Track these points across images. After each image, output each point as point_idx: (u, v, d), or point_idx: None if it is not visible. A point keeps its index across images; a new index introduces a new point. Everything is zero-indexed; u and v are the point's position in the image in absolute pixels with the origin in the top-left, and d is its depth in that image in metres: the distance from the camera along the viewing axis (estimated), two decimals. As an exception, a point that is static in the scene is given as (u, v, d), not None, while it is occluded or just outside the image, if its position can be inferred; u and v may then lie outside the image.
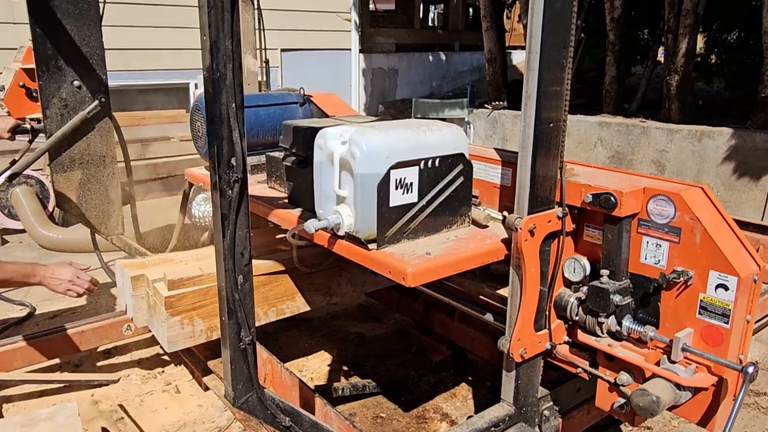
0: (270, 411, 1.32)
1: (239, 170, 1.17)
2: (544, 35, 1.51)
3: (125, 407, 2.43)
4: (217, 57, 1.08)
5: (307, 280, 2.30)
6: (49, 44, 2.30)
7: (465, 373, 2.66)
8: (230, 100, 1.10)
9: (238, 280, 1.21)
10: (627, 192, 1.56)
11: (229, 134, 1.12)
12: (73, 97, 2.41)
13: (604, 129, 5.80)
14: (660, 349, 1.59)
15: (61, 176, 2.48)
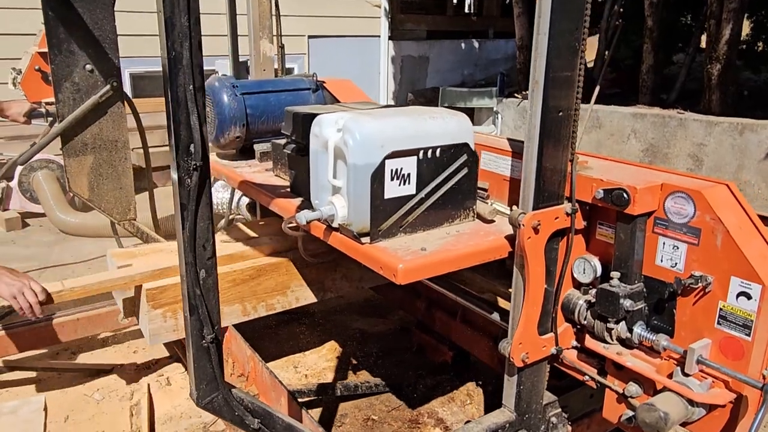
0: (237, 413, 1.25)
1: (198, 157, 1.09)
2: (553, 15, 1.38)
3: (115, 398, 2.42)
4: (172, 35, 0.99)
5: (299, 275, 2.23)
6: (61, 28, 2.26)
7: (466, 376, 2.55)
8: (188, 81, 1.02)
9: (200, 274, 1.13)
10: (641, 188, 1.42)
11: (187, 119, 1.05)
12: (86, 81, 2.37)
13: (638, 120, 5.55)
14: (674, 360, 1.46)
15: (73, 160, 2.45)
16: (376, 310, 3.20)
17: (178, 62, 1.03)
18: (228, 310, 2.07)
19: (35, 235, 4.44)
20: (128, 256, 2.16)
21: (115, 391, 2.46)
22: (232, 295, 2.07)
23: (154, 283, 1.98)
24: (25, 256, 3.96)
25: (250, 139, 2.40)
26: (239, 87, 2.30)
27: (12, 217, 4.50)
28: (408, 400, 2.41)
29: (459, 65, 9.30)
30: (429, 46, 8.93)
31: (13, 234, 4.45)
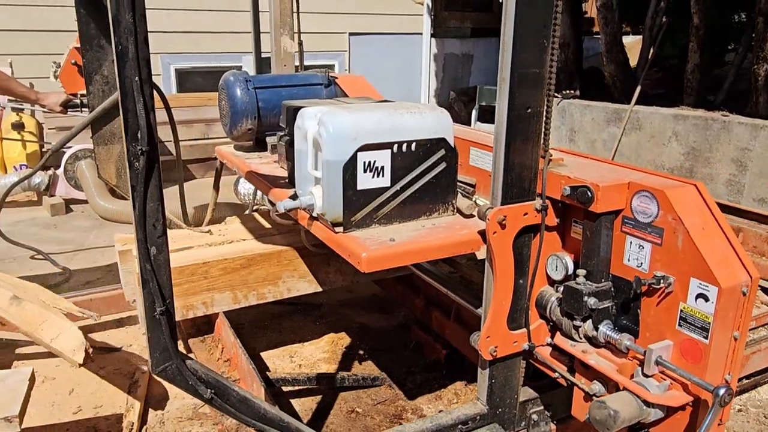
0: (191, 382, 1.34)
1: (143, 143, 1.17)
2: (519, 10, 1.40)
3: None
4: (118, 31, 1.08)
5: (291, 266, 2.30)
6: (92, 24, 2.42)
7: (457, 375, 2.55)
8: (133, 73, 1.11)
9: (150, 251, 1.22)
10: (604, 186, 1.42)
11: (134, 107, 1.13)
12: (114, 74, 2.53)
13: (679, 122, 5.35)
14: (637, 361, 1.44)
15: (102, 148, 2.62)
16: (382, 306, 3.24)
17: (125, 55, 1.12)
18: (219, 297, 2.17)
19: (76, 221, 4.70)
20: (131, 241, 2.29)
21: (119, 369, 2.60)
22: (223, 283, 2.17)
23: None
24: (63, 240, 4.21)
25: (263, 132, 2.50)
26: (252, 81, 2.41)
27: (57, 203, 4.81)
28: (395, 395, 2.43)
29: (505, 63, 9.19)
30: (473, 43, 8.86)
31: (57, 218, 4.74)
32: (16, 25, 6.18)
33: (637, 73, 6.41)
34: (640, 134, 5.74)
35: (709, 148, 5.22)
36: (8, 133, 5.15)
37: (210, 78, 6.97)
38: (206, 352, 2.56)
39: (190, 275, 2.17)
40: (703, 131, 5.23)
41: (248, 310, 2.92)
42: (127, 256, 2.33)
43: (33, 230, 4.45)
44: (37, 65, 5.88)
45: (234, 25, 6.52)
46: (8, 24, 6.14)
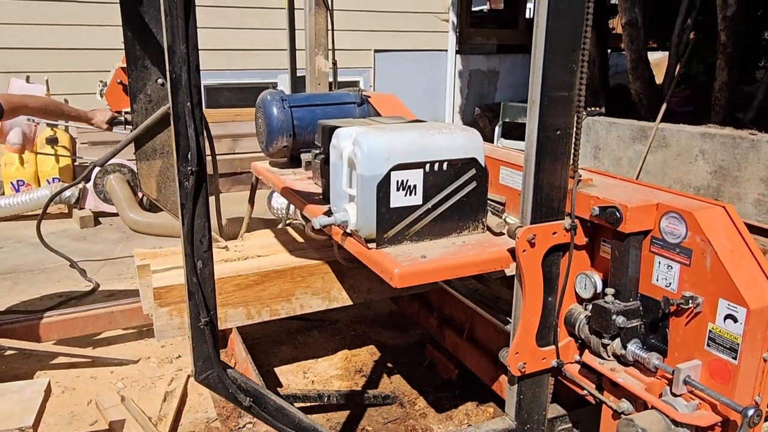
0: (230, 390, 1.40)
1: (194, 164, 1.25)
2: (548, 36, 1.45)
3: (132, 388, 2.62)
4: (173, 60, 1.16)
5: (304, 283, 2.32)
6: (137, 46, 2.53)
7: (469, 395, 2.55)
8: (185, 99, 1.19)
9: (197, 264, 1.29)
10: (633, 206, 1.45)
11: (185, 130, 1.21)
12: (157, 93, 2.63)
13: (706, 141, 5.32)
14: (666, 380, 1.46)
15: (144, 164, 2.72)
16: (399, 323, 3.25)
17: (178, 83, 1.20)
18: (233, 313, 2.20)
19: (104, 233, 4.84)
20: (150, 256, 2.36)
21: (137, 381, 2.67)
22: (237, 299, 2.20)
23: (163, 281, 2.13)
24: (91, 251, 4.33)
25: (297, 149, 2.58)
26: (288, 100, 2.50)
27: (86, 215, 4.95)
28: (406, 414, 2.43)
29: (531, 80, 9.21)
30: (499, 60, 8.91)
31: (86, 231, 4.88)
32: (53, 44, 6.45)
33: (664, 91, 6.39)
34: (667, 152, 5.71)
35: (738, 167, 5.18)
36: (42, 148, 5.33)
37: (238, 94, 7.15)
38: None
39: None
40: (731, 150, 5.19)
41: (265, 326, 2.98)
42: (145, 271, 2.37)
43: (63, 242, 4.59)
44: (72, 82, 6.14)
45: (268, 43, 6.70)
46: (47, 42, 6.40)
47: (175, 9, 1.14)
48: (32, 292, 3.61)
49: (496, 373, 2.29)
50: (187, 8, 1.15)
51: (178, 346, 2.95)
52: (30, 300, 3.50)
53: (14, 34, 6.23)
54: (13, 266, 4.04)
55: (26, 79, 6.04)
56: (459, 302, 2.61)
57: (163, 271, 2.30)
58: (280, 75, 6.09)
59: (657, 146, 5.80)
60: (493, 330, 2.40)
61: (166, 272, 2.29)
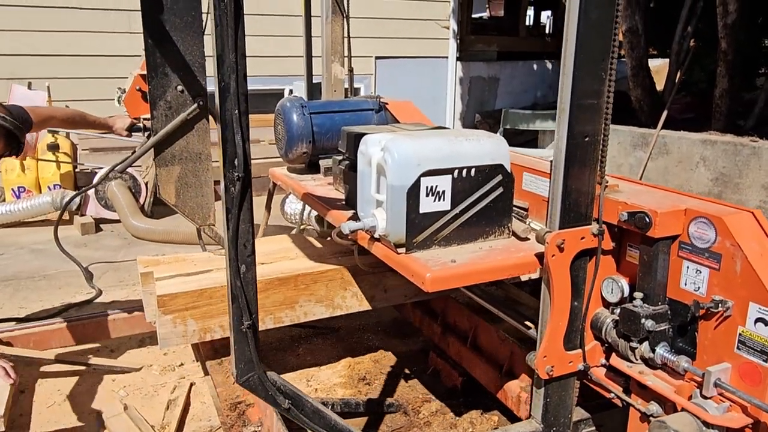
0: (270, 392, 1.42)
1: (240, 170, 1.27)
2: (579, 46, 1.48)
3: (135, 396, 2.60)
4: (222, 68, 1.19)
5: (308, 291, 2.31)
6: (158, 53, 2.55)
7: (473, 403, 2.51)
8: (233, 107, 1.21)
9: (240, 268, 1.31)
10: (663, 212, 1.48)
11: (233, 137, 1.23)
12: (176, 100, 2.65)
13: (708, 148, 5.37)
14: (695, 383, 1.49)
15: (163, 170, 2.73)
16: (402, 330, 3.22)
17: (227, 91, 1.22)
18: None
19: (106, 240, 4.78)
20: (153, 264, 2.34)
21: (140, 389, 2.64)
22: None
23: (167, 289, 2.11)
24: (92, 258, 4.28)
25: (316, 155, 2.60)
26: (308, 107, 2.52)
27: (87, 222, 4.91)
28: (410, 422, 2.41)
29: (532, 86, 9.28)
30: (500, 67, 8.97)
31: (87, 237, 4.84)
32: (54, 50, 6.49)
33: (664, 98, 6.46)
34: (668, 159, 5.76)
35: (739, 174, 5.23)
36: (44, 154, 5.32)
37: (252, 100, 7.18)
38: (223, 375, 2.55)
39: (208, 298, 2.19)
40: (732, 157, 5.24)
41: (268, 333, 2.93)
42: (149, 278, 2.34)
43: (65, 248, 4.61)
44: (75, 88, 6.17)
45: (284, 50, 6.74)
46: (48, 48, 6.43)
47: (226, 19, 1.17)
48: (33, 299, 3.58)
49: (500, 381, 2.30)
50: (237, 19, 1.18)
51: (180, 354, 2.91)
52: (31, 307, 3.48)
53: (16, 39, 6.24)
54: (14, 273, 4.01)
55: (28, 86, 6.05)
56: (463, 310, 2.65)
57: (167, 278, 2.28)
58: (295, 82, 6.12)
59: (658, 153, 5.85)
60: (497, 338, 2.42)
61: (170, 280, 2.27)
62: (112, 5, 6.63)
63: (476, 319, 2.58)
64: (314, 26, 3.00)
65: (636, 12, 6.29)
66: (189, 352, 2.93)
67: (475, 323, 2.58)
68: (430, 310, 2.89)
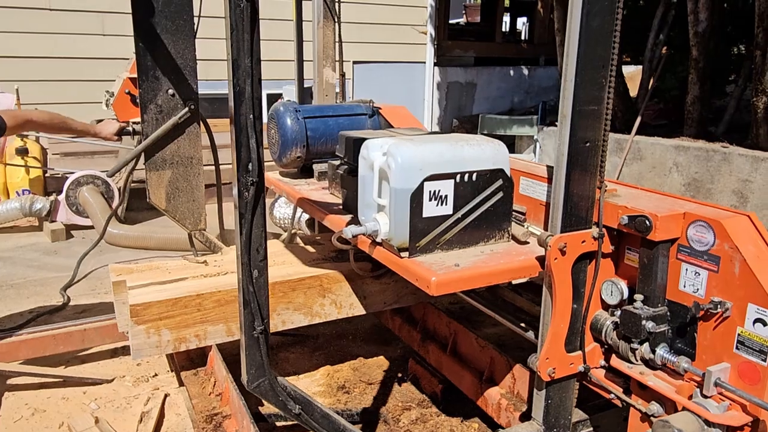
0: (281, 398, 1.41)
1: (255, 174, 1.26)
2: (580, 53, 1.51)
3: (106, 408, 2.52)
4: (237, 73, 1.18)
5: (286, 299, 2.28)
6: (149, 56, 2.52)
7: (453, 410, 2.51)
8: (248, 111, 1.21)
9: (253, 273, 1.30)
10: (663, 215, 1.52)
11: (247, 142, 1.23)
12: (167, 103, 2.63)
13: (681, 153, 5.52)
14: (694, 382, 1.53)
15: (154, 174, 2.70)
16: (380, 337, 3.19)
17: (241, 95, 1.21)
18: (212, 330, 2.14)
19: (77, 246, 4.62)
20: (126, 272, 2.29)
21: (112, 401, 2.56)
22: (217, 315, 2.14)
23: (140, 298, 2.06)
24: (64, 266, 4.15)
25: (310, 160, 2.59)
26: (302, 111, 2.51)
27: (57, 229, 4.78)
28: (390, 431, 2.40)
29: (509, 92, 9.40)
30: (477, 72, 9.07)
31: (57, 244, 4.70)
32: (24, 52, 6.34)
33: (638, 104, 6.61)
34: (642, 164, 5.89)
35: (711, 179, 5.38)
36: (12, 159, 5.18)
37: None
38: (199, 386, 2.49)
39: (183, 307, 2.13)
40: (704, 162, 5.39)
41: None
42: (121, 287, 2.27)
43: (33, 256, 4.44)
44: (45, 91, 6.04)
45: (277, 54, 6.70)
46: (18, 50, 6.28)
47: (242, 23, 1.16)
48: (0, 309, 3.46)
49: (481, 388, 2.32)
50: (253, 23, 1.17)
51: (154, 364, 2.84)
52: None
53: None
54: (-21, 282, 3.88)
55: (-6, 88, 5.89)
56: (442, 316, 2.65)
57: (140, 287, 2.21)
58: (285, 86, 6.10)
59: (632, 158, 5.98)
60: (477, 345, 2.44)
61: (143, 288, 2.20)
62: (85, 7, 6.51)
63: (456, 325, 2.59)
64: (305, 30, 2.99)
65: (611, 20, 6.42)
66: (163, 362, 2.86)
67: (455, 330, 2.59)
68: (410, 317, 2.87)
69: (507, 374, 2.28)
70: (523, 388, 2.20)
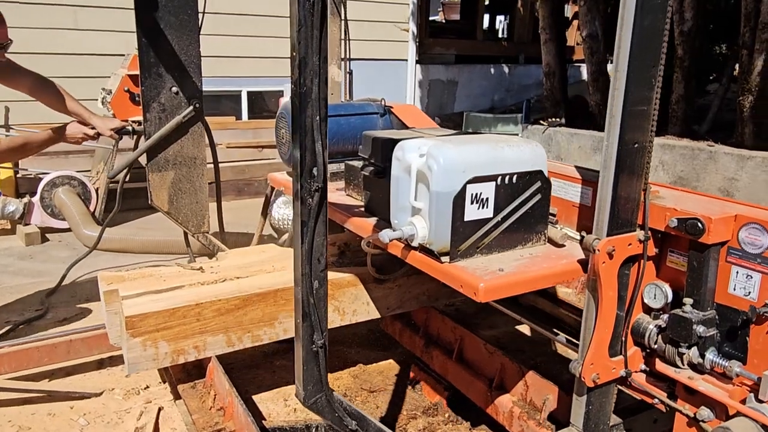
0: (338, 413, 1.34)
1: (320, 180, 1.19)
2: (632, 53, 1.47)
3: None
4: (304, 72, 1.10)
5: (288, 306, 2.16)
6: (152, 53, 2.41)
7: (461, 419, 2.44)
8: (315, 113, 1.13)
9: (313, 284, 1.22)
10: (716, 218, 1.49)
11: (312, 145, 1.15)
12: (171, 102, 2.52)
13: (666, 152, 5.59)
14: (746, 387, 1.50)
15: (156, 175, 2.58)
16: (379, 342, 3.10)
17: (308, 96, 1.13)
18: (212, 340, 2.04)
19: (53, 251, 4.44)
20: (117, 280, 2.16)
21: (101, 416, 2.42)
22: (217, 325, 2.04)
23: (136, 309, 1.95)
24: (39, 271, 3.97)
25: (322, 160, 2.49)
26: (313, 110, 2.41)
27: (32, 232, 4.56)
28: None
29: (490, 90, 9.42)
30: (459, 70, 9.06)
31: (32, 249, 4.48)
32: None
33: (624, 103, 6.67)
34: (630, 162, 5.94)
35: (696, 177, 5.46)
36: (-21, 159, 4.94)
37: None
38: (197, 400, 2.36)
39: (182, 317, 2.01)
40: (690, 161, 5.47)
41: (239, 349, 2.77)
42: (112, 297, 2.11)
43: (7, 261, 4.21)
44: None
45: (280, 51, 6.62)
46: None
47: (311, 19, 1.07)
48: (-25, 319, 3.23)
49: (490, 396, 2.25)
50: (323, 19, 1.09)
51: (144, 376, 2.66)
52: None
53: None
54: (-50, 290, 3.64)
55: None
56: (447, 321, 2.58)
57: (135, 297, 2.07)
58: (286, 84, 5.99)
59: (618, 156, 6.02)
60: (485, 351, 2.37)
61: (138, 298, 2.06)
62: (56, 0, 6.27)
63: (462, 330, 2.52)
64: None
65: (596, 18, 6.49)
66: (154, 373, 2.68)
67: (461, 335, 2.52)
68: (411, 322, 2.79)
69: (519, 381, 2.21)
70: (536, 395, 2.14)
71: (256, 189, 6.14)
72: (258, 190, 6.20)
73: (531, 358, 2.80)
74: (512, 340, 3.10)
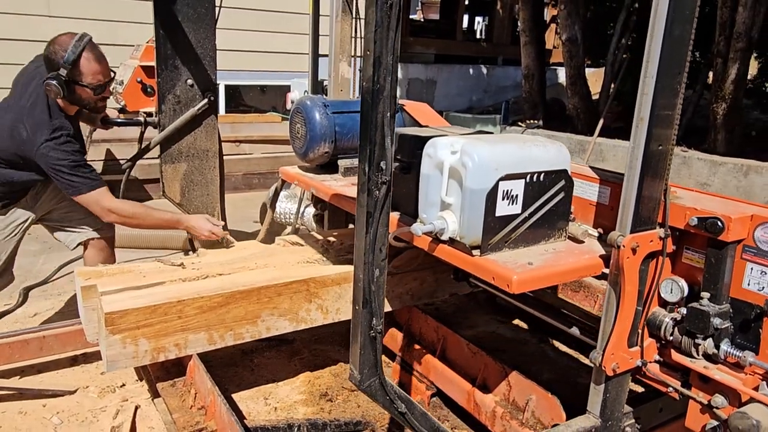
0: (389, 396, 1.40)
1: (388, 173, 1.24)
2: (662, 61, 1.56)
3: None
4: (378, 70, 1.16)
5: (271, 304, 2.16)
6: (169, 45, 2.41)
7: (442, 417, 2.45)
8: (386, 109, 1.19)
9: (374, 273, 1.28)
10: (736, 218, 1.59)
11: (382, 140, 1.20)
12: (186, 94, 2.51)
13: (642, 155, 5.77)
14: (759, 375, 1.61)
15: (169, 167, 2.57)
16: None
17: (381, 93, 1.19)
18: (194, 338, 2.02)
19: (22, 244, 4.22)
20: (95, 275, 2.13)
21: (75, 414, 2.36)
22: (198, 323, 2.02)
23: (115, 305, 1.91)
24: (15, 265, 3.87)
25: (336, 155, 2.54)
26: (330, 106, 2.45)
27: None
28: None
29: (468, 90, 9.54)
30: (438, 69, 9.14)
31: None
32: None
33: (600, 106, 6.89)
34: (604, 166, 6.13)
35: (670, 181, 5.64)
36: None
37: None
38: (178, 398, 2.31)
39: (163, 315, 1.97)
40: (665, 164, 5.63)
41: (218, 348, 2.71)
42: (90, 293, 2.06)
43: None
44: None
45: (286, 47, 6.56)
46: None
47: (387, 20, 1.12)
48: (-57, 315, 3.10)
49: (473, 396, 2.29)
50: (398, 20, 1.14)
51: (120, 374, 2.57)
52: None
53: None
54: None
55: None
56: (429, 320, 2.60)
57: (114, 293, 2.02)
58: (294, 79, 5.96)
59: (594, 160, 6.20)
60: (468, 351, 2.41)
61: (117, 294, 2.02)
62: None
63: (444, 330, 2.55)
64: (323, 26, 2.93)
65: (576, 22, 6.66)
66: (131, 371, 2.60)
67: (444, 335, 2.55)
68: (392, 321, 2.80)
69: (502, 382, 2.25)
70: (519, 395, 2.18)
71: (234, 184, 6.09)
72: (236, 185, 6.14)
73: (512, 358, 2.81)
74: (493, 339, 3.13)
